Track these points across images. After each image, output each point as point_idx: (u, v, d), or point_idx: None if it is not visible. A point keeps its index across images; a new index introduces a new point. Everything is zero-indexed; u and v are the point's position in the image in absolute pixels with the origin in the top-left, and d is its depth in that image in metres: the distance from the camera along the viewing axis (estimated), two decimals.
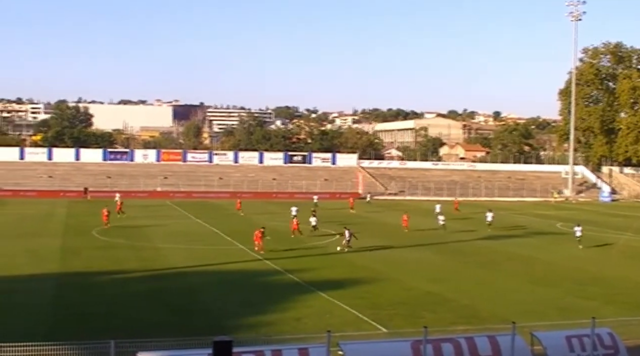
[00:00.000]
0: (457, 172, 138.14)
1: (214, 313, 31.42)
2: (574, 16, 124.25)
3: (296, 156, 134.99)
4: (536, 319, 29.06)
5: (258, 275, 41.76)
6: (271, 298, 34.80)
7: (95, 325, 28.01)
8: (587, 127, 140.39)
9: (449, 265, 46.94)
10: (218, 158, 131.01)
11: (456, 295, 36.72)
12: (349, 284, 38.80)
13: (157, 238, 57.83)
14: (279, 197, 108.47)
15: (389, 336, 26.04)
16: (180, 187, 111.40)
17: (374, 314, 31.24)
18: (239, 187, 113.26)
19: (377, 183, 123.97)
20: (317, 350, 19.69)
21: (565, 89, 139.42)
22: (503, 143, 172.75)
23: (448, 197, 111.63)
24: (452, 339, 21.31)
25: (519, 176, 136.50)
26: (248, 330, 27.14)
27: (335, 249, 50.79)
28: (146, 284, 38.44)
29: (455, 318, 30.92)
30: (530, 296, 37.01)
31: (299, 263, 45.36)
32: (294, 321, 29.90)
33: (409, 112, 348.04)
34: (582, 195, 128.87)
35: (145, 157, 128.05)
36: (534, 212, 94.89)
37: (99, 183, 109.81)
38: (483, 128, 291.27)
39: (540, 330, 23.52)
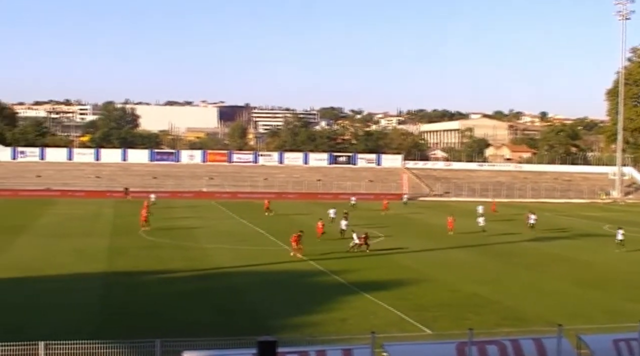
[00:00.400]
0: (503, 173, 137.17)
1: (259, 313, 31.55)
2: (622, 15, 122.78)
3: (341, 157, 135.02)
4: (583, 322, 28.75)
5: (302, 276, 41.83)
6: (315, 299, 34.86)
7: (141, 324, 28.27)
8: (635, 128, 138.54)
9: (494, 267, 46.63)
10: (263, 159, 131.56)
11: (501, 296, 36.47)
12: (393, 285, 38.71)
13: (202, 238, 58.21)
14: (323, 197, 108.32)
15: (434, 338, 25.97)
16: (225, 187, 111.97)
17: (418, 315, 31.14)
18: (283, 187, 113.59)
19: (422, 185, 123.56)
20: (361, 351, 19.68)
21: (613, 88, 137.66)
22: (550, 144, 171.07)
23: (493, 198, 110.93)
24: (497, 341, 21.16)
25: (566, 177, 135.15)
26: (292, 331, 27.20)
27: (366, 251, 50.23)
28: (192, 284, 38.69)
29: (500, 320, 30.72)
30: (577, 299, 36.63)
31: (343, 264, 45.34)
32: (338, 322, 29.90)
33: (454, 113, 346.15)
34: (630, 197, 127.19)
35: (191, 158, 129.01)
36: (581, 213, 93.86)
37: (145, 183, 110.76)
38: (529, 129, 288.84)
39: (587, 333, 23.26)
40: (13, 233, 58.00)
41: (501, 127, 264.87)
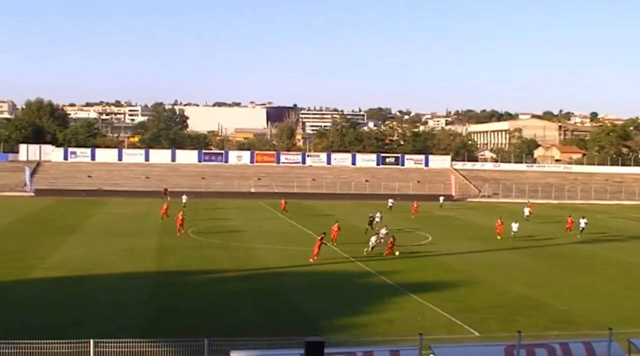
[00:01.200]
0: (553, 174, 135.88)
1: (306, 314, 31.64)
2: None
3: (389, 157, 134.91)
4: (634, 326, 28.39)
5: (350, 277, 41.84)
6: (363, 300, 34.86)
7: (189, 323, 28.52)
8: None
9: (544, 269, 46.21)
10: (311, 160, 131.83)
11: (551, 299, 36.14)
12: (441, 287, 38.58)
13: (250, 238, 58.50)
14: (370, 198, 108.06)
15: (482, 340, 25.85)
16: (273, 188, 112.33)
17: (466, 317, 31.00)
18: (331, 188, 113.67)
19: (470, 186, 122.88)
20: (408, 353, 19.65)
21: None
22: (600, 145, 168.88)
23: (543, 200, 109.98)
24: (546, 344, 21.00)
25: (617, 178, 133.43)
26: (340, 331, 27.23)
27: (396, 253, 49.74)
28: (240, 284, 38.92)
29: (549, 323, 30.48)
30: (628, 303, 36.16)
31: (390, 265, 45.26)
32: (385, 323, 29.88)
33: (502, 113, 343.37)
34: None
35: (239, 159, 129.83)
36: (632, 215, 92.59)
37: (194, 184, 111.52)
38: (579, 129, 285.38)
39: (638, 337, 22.97)
40: (64, 233, 58.82)
41: (550, 127, 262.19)
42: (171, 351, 22.16)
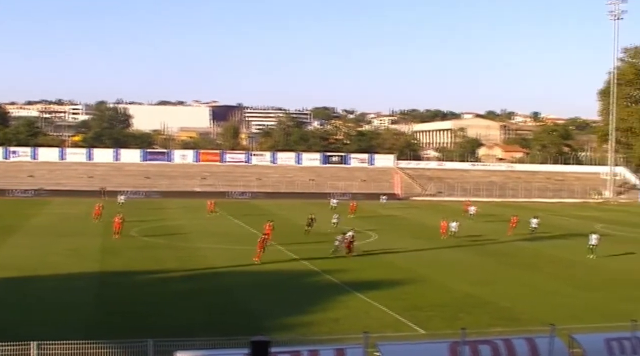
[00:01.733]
0: (496, 172, 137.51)
1: (252, 313, 31.53)
2: (614, 15, 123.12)
3: (334, 157, 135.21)
4: (576, 322, 28.75)
5: (296, 276, 41.84)
6: (309, 299, 34.86)
7: (135, 324, 28.21)
8: (627, 128, 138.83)
9: (488, 267, 46.69)
10: (256, 159, 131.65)
11: (495, 297, 36.52)
12: (387, 285, 38.74)
13: (195, 238, 58.21)
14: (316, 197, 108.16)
15: (427, 338, 25.98)
16: (218, 187, 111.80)
17: (411, 315, 31.16)
18: (276, 187, 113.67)
19: (414, 184, 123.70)
20: (353, 351, 19.69)
21: (605, 89, 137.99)
22: (542, 144, 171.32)
23: (487, 198, 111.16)
24: (490, 341, 21.21)
25: (558, 177, 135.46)
26: (285, 330, 27.18)
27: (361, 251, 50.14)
28: (185, 284, 38.69)
29: (493, 320, 30.75)
30: (571, 300, 36.68)
31: (336, 263, 45.33)
32: (331, 322, 29.90)
33: (446, 113, 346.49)
34: (623, 197, 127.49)
35: (183, 158, 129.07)
36: (574, 213, 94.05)
37: (138, 183, 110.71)
38: (522, 128, 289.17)
39: (579, 333, 23.32)
40: (5, 233, 57.84)
41: (494, 127, 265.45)
42: (115, 352, 21.92)
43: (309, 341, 22.24)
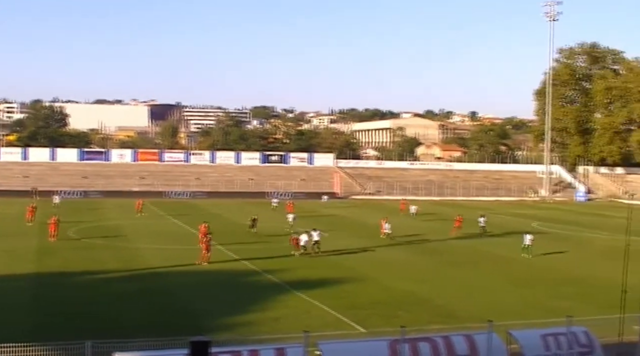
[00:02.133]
0: (434, 171, 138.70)
1: (193, 314, 31.35)
2: (550, 16, 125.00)
3: (273, 156, 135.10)
4: (513, 318, 29.21)
5: (236, 276, 41.71)
6: (249, 299, 34.77)
7: (73, 326, 27.81)
8: (562, 127, 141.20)
9: (427, 265, 47.07)
10: (195, 158, 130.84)
11: (434, 294, 36.87)
12: (327, 284, 38.81)
13: (135, 238, 57.66)
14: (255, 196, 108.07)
15: (367, 336, 26.09)
16: (157, 187, 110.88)
17: (352, 314, 31.27)
18: (215, 186, 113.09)
19: (354, 183, 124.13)
20: (294, 350, 19.69)
21: (541, 89, 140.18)
22: (479, 143, 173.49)
23: (425, 197, 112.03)
24: (429, 338, 21.39)
25: (496, 176, 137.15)
26: (226, 330, 27.08)
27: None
28: (125, 284, 38.30)
29: (432, 317, 31.03)
30: (508, 296, 37.20)
31: (277, 263, 45.31)
32: (272, 321, 29.88)
33: (385, 112, 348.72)
34: (558, 195, 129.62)
35: (121, 157, 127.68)
36: (511, 211, 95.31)
37: (75, 183, 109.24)
38: (460, 128, 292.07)
39: (516, 329, 23.67)
40: None
41: (432, 126, 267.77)
42: (53, 355, 21.59)
43: (249, 341, 22.20)
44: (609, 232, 63.25)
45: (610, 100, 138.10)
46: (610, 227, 63.50)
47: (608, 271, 44.37)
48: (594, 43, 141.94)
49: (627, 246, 27.76)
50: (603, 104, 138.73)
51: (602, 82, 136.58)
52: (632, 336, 24.19)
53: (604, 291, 37.72)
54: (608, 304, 32.20)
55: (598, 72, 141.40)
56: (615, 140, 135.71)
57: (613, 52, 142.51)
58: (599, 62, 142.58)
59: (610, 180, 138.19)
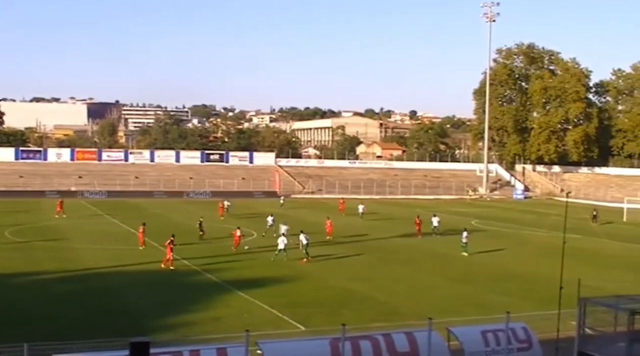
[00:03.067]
0: (374, 170, 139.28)
1: (133, 314, 31.06)
2: (489, 17, 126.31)
3: (213, 155, 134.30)
4: (453, 315, 29.55)
5: (176, 275, 41.40)
6: (190, 299, 34.59)
7: (12, 329, 27.36)
8: (501, 126, 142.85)
9: (368, 263, 47.29)
10: (134, 157, 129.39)
11: (375, 292, 37.06)
12: (268, 283, 38.79)
13: (73, 238, 56.88)
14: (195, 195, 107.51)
15: (308, 335, 26.11)
16: (95, 186, 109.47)
17: (293, 313, 31.29)
18: (155, 185, 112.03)
19: (294, 182, 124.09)
20: (235, 350, 19.59)
21: (480, 88, 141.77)
22: (419, 142, 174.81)
23: (365, 195, 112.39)
24: (370, 336, 21.45)
25: (435, 174, 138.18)
26: (166, 331, 26.91)
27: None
28: (64, 285, 37.81)
29: (373, 315, 31.18)
30: (448, 293, 37.58)
31: (217, 262, 45.12)
32: (213, 321, 29.76)
33: (326, 111, 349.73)
34: (496, 193, 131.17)
35: (59, 156, 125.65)
36: (450, 209, 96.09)
37: (11, 183, 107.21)
38: (399, 127, 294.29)
39: (456, 326, 23.90)
40: None
41: (372, 125, 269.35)
42: None
43: (190, 341, 22.07)
44: (546, 229, 64.20)
45: (547, 99, 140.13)
46: (548, 225, 64.41)
47: (545, 267, 45.18)
48: (531, 44, 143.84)
49: (564, 243, 28.21)
50: (540, 104, 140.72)
51: (539, 82, 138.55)
52: (569, 332, 24.56)
53: (542, 287, 38.35)
54: (546, 300, 32.77)
55: (535, 72, 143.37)
56: (552, 139, 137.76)
57: (550, 52, 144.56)
58: (536, 63, 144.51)
59: (547, 179, 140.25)
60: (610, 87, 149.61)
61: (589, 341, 20.69)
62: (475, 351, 22.10)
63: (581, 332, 20.61)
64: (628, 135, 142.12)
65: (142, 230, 52.19)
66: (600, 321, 21.06)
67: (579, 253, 51.93)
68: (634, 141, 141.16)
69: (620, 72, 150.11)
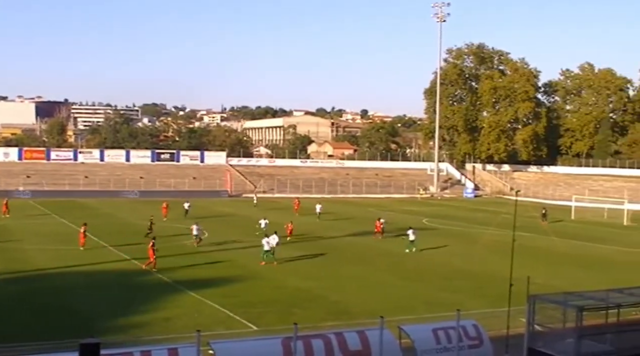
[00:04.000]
0: (326, 169, 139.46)
1: (83, 315, 30.73)
2: (439, 17, 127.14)
3: (164, 154, 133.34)
4: (405, 313, 29.69)
5: (126, 276, 41.09)
6: (140, 299, 34.33)
7: None
8: (451, 126, 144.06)
9: (321, 262, 47.34)
10: (83, 157, 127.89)
11: (327, 291, 37.10)
12: (219, 283, 38.65)
13: (21, 239, 56.04)
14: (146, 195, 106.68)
15: (260, 334, 26.07)
16: (44, 185, 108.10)
17: (244, 312, 31.22)
18: (105, 185, 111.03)
19: (246, 181, 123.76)
20: (186, 350, 19.46)
21: (431, 88, 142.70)
22: (370, 141, 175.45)
23: (317, 195, 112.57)
24: (322, 335, 21.45)
25: (386, 173, 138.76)
26: (117, 332, 26.67)
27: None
28: (11, 286, 37.27)
29: (325, 314, 31.24)
30: (400, 291, 37.76)
31: (168, 262, 44.74)
32: (163, 321, 29.57)
33: (277, 110, 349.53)
34: (447, 192, 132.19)
35: (6, 156, 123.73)
36: (401, 208, 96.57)
37: None
38: (351, 126, 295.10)
39: (408, 324, 24.03)
40: None
41: (324, 124, 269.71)
42: None
43: (141, 342, 21.89)
44: (496, 227, 64.75)
45: (496, 99, 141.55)
46: (497, 223, 64.98)
47: (496, 265, 45.66)
48: (481, 44, 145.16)
49: (514, 241, 28.53)
50: (490, 103, 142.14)
51: (489, 82, 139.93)
52: (519, 328, 24.84)
53: (492, 285, 38.70)
54: (496, 297, 33.11)
55: (485, 72, 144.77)
56: (502, 138, 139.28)
57: (499, 52, 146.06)
58: (486, 63, 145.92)
59: (497, 177, 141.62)
60: (558, 87, 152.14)
61: (538, 338, 20.93)
62: (427, 349, 22.23)
63: (531, 329, 20.84)
64: (576, 134, 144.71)
65: (84, 230, 51.21)
66: (550, 318, 21.31)
67: (529, 251, 52.55)
68: (582, 140, 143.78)
69: (569, 72, 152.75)
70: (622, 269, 47.59)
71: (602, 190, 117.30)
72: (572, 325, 19.72)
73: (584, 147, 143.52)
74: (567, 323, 20.32)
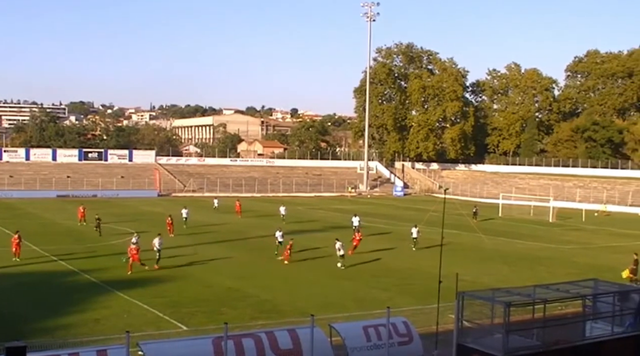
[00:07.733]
0: (256, 168, 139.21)
1: (7, 318, 30.10)
2: (369, 17, 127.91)
3: (91, 153, 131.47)
4: (335, 311, 29.83)
5: (53, 277, 40.44)
6: (67, 300, 33.81)
7: None
8: (381, 124, 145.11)
9: (249, 261, 47.24)
10: (8, 156, 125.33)
11: (257, 290, 37.02)
12: (147, 283, 38.29)
13: None
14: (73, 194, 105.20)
15: (190, 334, 25.90)
16: None
17: (174, 312, 30.99)
18: (31, 185, 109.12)
19: (175, 180, 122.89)
20: (116, 351, 19.29)
21: (360, 87, 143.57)
22: (300, 140, 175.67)
23: (247, 193, 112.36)
24: (252, 334, 21.46)
25: (316, 172, 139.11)
26: (44, 334, 26.17)
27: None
28: None
29: (256, 313, 31.19)
30: (329, 289, 37.85)
31: (95, 263, 44.25)
32: (92, 322, 29.16)
33: (207, 109, 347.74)
34: (377, 190, 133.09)
35: None
36: (331, 206, 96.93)
37: None
38: (281, 125, 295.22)
39: (338, 322, 24.12)
40: None
41: (254, 123, 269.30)
42: None
43: (68, 344, 21.52)
44: (425, 225, 65.30)
45: (425, 98, 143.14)
46: (426, 220, 65.56)
47: (424, 262, 46.14)
48: (410, 43, 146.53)
49: (442, 238, 28.85)
50: (419, 102, 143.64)
51: (418, 81, 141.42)
52: (448, 325, 25.13)
53: (420, 281, 39.16)
54: (425, 294, 33.49)
55: (414, 71, 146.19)
56: (431, 137, 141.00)
57: (428, 52, 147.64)
58: (415, 62, 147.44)
59: (426, 176, 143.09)
60: (486, 86, 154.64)
61: (467, 334, 21.17)
62: (357, 347, 22.38)
63: (460, 325, 21.06)
64: (503, 133, 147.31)
65: (17, 237, 46.24)
66: (478, 314, 21.57)
67: (457, 248, 53.24)
68: (509, 139, 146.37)
69: (495, 72, 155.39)
70: (548, 265, 48.48)
71: (528, 188, 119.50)
72: (500, 320, 19.98)
73: (511, 145, 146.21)
74: (495, 318, 20.59)
